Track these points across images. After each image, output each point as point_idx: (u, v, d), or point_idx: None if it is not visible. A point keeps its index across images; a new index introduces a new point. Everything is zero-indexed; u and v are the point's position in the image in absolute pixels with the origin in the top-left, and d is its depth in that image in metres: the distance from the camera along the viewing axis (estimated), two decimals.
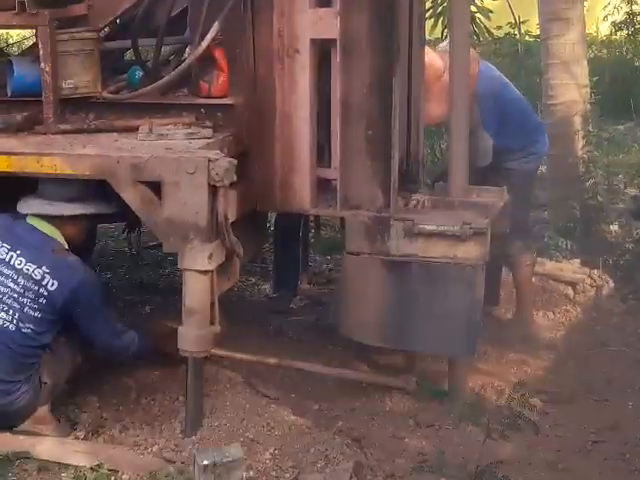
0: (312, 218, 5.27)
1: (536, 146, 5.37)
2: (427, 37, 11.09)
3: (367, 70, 4.20)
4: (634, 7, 13.74)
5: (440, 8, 9.62)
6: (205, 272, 3.77)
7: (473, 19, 12.89)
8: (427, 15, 11.76)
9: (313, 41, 4.23)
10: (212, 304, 3.84)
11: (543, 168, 6.51)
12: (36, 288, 3.79)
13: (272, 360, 4.56)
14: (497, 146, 5.19)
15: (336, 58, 4.22)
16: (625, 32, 13.81)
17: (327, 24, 4.18)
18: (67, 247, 3.95)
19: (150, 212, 3.80)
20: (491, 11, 13.43)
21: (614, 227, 6.70)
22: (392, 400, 4.51)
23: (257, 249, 5.18)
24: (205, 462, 3.14)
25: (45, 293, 3.79)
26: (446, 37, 8.32)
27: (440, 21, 9.78)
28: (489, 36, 13.75)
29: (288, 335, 5.19)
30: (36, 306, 3.79)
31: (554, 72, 6.80)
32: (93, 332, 3.95)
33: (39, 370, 3.88)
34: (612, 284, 5.98)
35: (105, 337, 3.98)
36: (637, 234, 6.66)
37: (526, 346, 5.21)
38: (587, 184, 6.55)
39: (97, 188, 3.95)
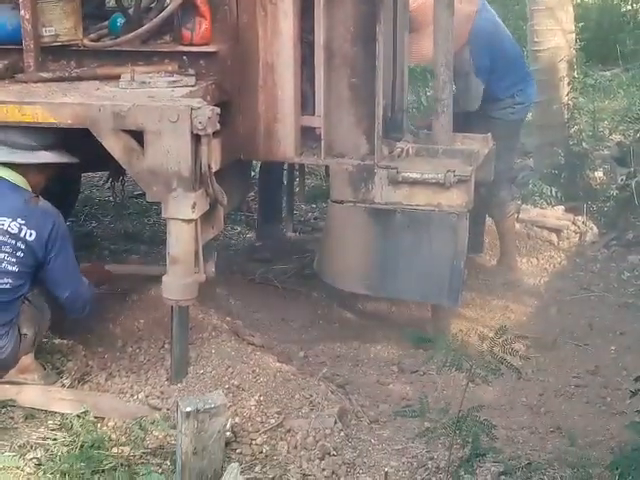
0: (297, 166, 5.26)
1: (523, 96, 5.30)
2: None
3: (350, 17, 4.18)
4: None
5: None
6: (189, 221, 3.76)
7: None
8: None
9: None
10: (196, 253, 3.84)
11: (530, 114, 6.49)
12: (13, 242, 3.70)
13: None
14: (484, 93, 5.15)
15: (319, 5, 4.19)
16: None
17: None
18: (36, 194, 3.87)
19: (132, 161, 3.78)
20: None
21: (598, 174, 6.72)
22: (376, 347, 4.56)
23: (242, 198, 5.19)
24: (188, 409, 3.16)
25: (23, 246, 3.70)
26: None
27: None
28: None
29: (273, 283, 5.20)
30: (14, 260, 3.71)
31: (539, 18, 6.76)
32: (64, 279, 3.86)
33: (18, 322, 3.85)
34: (596, 230, 6.02)
35: (75, 284, 3.90)
36: (621, 180, 6.67)
37: (510, 292, 5.27)
38: (572, 130, 6.54)
39: (64, 136, 3.90)
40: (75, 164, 4.03)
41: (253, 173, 6.58)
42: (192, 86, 4.08)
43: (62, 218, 3.89)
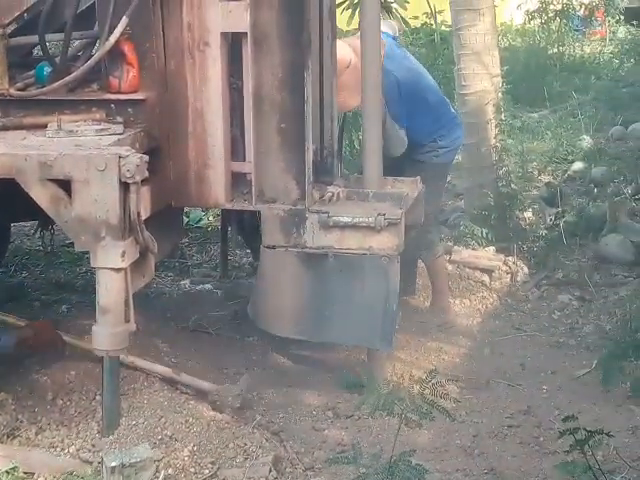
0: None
1: (446, 140, 5.31)
2: (346, 28, 11.14)
3: (278, 64, 4.21)
4: None
5: None
6: (118, 270, 3.72)
7: (389, 9, 12.98)
8: (345, 6, 11.82)
9: (224, 35, 4.23)
10: (127, 302, 3.80)
11: (459, 156, 6.58)
12: None
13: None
14: (407, 138, 5.18)
15: (247, 52, 4.22)
16: (538, 20, 14.04)
17: (237, 17, 4.19)
18: None
19: (60, 211, 3.74)
20: (407, 1, 13.52)
21: (528, 214, 6.82)
22: (312, 392, 4.54)
23: (174, 244, 5.16)
24: (113, 464, 3.12)
25: None
26: None
27: (357, 12, 9.79)
28: (405, 26, 13.87)
29: (207, 330, 5.16)
30: None
31: (466, 62, 6.83)
32: None
33: None
34: (526, 270, 6.10)
35: None
36: (550, 220, 6.79)
37: (443, 334, 5.30)
38: (500, 172, 6.64)
39: None
40: (4, 214, 3.99)
41: (187, 219, 6.61)
42: (120, 134, 4.07)
43: None
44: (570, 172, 8.13)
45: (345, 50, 4.91)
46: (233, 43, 4.30)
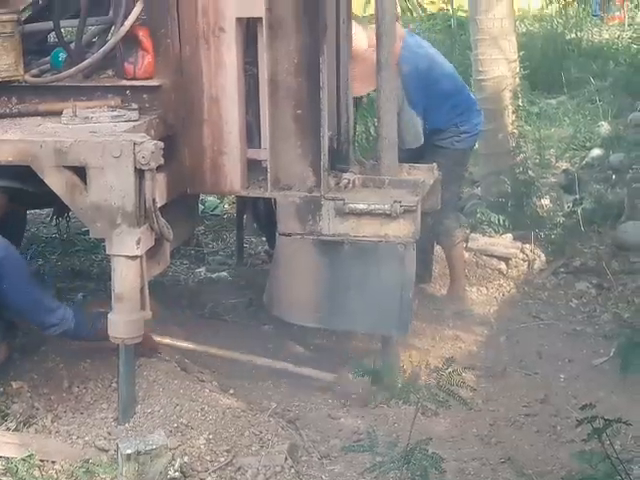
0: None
1: (467, 125, 5.28)
2: (362, 14, 11.10)
3: (294, 49, 4.17)
4: None
5: None
6: (134, 257, 3.72)
7: None
8: None
9: (239, 20, 4.19)
10: (142, 289, 3.79)
11: (477, 143, 6.53)
12: None
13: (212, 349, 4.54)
14: (426, 126, 5.16)
15: (262, 37, 4.19)
16: (556, 5, 13.94)
17: (253, 2, 4.14)
18: None
19: (75, 198, 3.73)
20: None
21: (545, 201, 6.76)
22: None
23: (189, 232, 5.14)
24: (128, 451, 3.12)
25: None
26: None
27: None
28: (422, 11, 13.82)
29: (223, 318, 5.15)
30: None
31: (483, 48, 6.78)
32: (22, 308, 3.92)
33: None
34: (544, 258, 6.04)
35: (35, 313, 3.93)
36: (568, 208, 6.74)
37: (460, 322, 5.27)
38: (518, 159, 6.59)
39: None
40: (20, 201, 3.99)
41: (202, 207, 6.59)
42: (135, 120, 4.06)
43: (16, 253, 3.89)
44: (588, 159, 8.06)
45: (360, 36, 4.88)
46: (248, 28, 4.27)
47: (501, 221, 6.29)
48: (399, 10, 11.47)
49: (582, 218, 6.42)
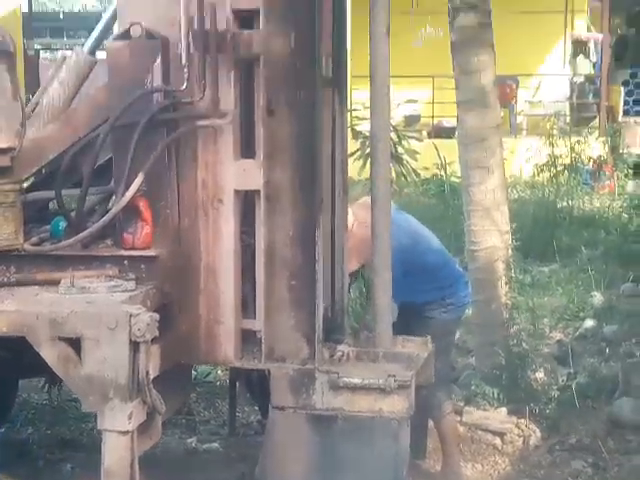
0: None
1: (454, 298, 5.35)
2: (357, 177, 11.29)
3: (290, 221, 4.22)
4: (555, 150, 14.25)
5: (368, 149, 9.83)
6: (125, 432, 3.66)
7: (400, 160, 13.23)
8: (356, 156, 12.03)
9: (237, 192, 4.27)
10: (132, 464, 3.72)
11: (469, 311, 6.53)
12: None
13: None
14: (413, 299, 5.20)
15: (260, 209, 4.25)
16: (547, 174, 14.25)
17: (251, 175, 4.22)
18: None
19: (69, 370, 3.71)
20: (417, 152, 13.79)
21: (539, 374, 6.71)
22: None
23: (182, 402, 5.08)
24: None
25: None
26: None
27: (369, 161, 9.98)
28: (416, 176, 14.09)
29: None
30: None
31: (475, 219, 6.85)
32: None
33: None
34: (539, 433, 5.96)
35: None
36: (562, 381, 6.69)
37: None
38: (511, 330, 6.59)
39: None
40: (12, 370, 3.95)
41: (195, 373, 6.53)
42: (132, 290, 4.06)
43: None
44: (582, 330, 8.08)
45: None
46: (245, 198, 4.34)
47: (495, 394, 6.23)
48: (393, 174, 11.72)
49: (576, 392, 6.37)
